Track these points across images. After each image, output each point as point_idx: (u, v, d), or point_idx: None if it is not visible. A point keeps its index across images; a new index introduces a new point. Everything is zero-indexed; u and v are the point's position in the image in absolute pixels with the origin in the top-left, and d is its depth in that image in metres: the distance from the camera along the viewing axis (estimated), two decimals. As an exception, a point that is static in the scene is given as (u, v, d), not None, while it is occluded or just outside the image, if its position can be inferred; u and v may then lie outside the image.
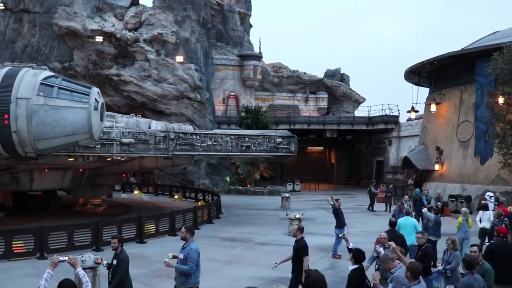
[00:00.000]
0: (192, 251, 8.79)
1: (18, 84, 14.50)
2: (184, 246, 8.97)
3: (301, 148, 46.67)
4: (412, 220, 14.23)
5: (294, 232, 10.59)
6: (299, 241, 10.36)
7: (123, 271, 8.92)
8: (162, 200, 34.54)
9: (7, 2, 39.54)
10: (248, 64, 50.29)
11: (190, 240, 9.00)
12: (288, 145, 24.88)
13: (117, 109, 38.27)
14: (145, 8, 43.50)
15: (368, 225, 23.62)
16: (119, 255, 9.11)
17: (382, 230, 13.26)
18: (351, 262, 8.46)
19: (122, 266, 8.92)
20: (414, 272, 6.94)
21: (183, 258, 8.77)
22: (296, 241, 10.42)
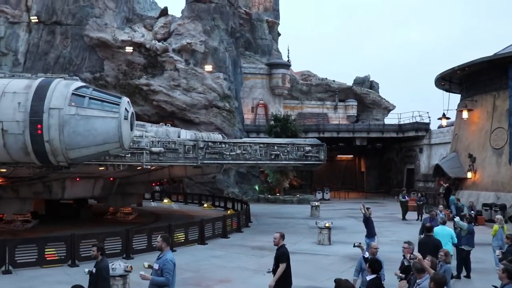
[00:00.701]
0: (167, 261, 8.54)
1: (50, 94, 14.77)
2: (160, 256, 8.73)
3: (331, 156, 46.43)
4: (448, 229, 13.92)
5: (277, 240, 10.11)
6: (280, 249, 10.00)
7: (102, 280, 8.85)
8: (191, 208, 34.65)
9: (40, 15, 40.53)
10: (277, 72, 50.29)
11: (166, 249, 8.79)
12: (317, 154, 24.72)
13: (147, 118, 38.65)
14: (174, 18, 44.04)
15: (399, 234, 23.23)
16: (98, 263, 9.06)
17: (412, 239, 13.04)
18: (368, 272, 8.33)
19: (100, 275, 8.85)
20: (438, 283, 6.82)
21: (158, 268, 8.50)
22: (278, 248, 10.04)
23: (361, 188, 54.47)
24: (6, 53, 40.39)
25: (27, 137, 14.61)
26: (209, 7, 43.22)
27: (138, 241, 17.79)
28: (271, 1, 60.63)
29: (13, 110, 14.69)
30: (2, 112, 14.69)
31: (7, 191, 22.01)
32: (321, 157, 24.89)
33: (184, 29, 42.20)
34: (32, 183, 21.73)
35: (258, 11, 58.64)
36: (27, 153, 14.93)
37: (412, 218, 29.31)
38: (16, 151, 14.99)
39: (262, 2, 60.71)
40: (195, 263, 16.52)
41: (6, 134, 14.68)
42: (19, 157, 15.26)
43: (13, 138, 14.74)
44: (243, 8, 53.98)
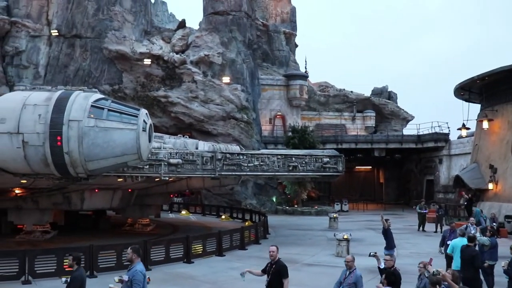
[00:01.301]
0: (137, 272, 8.45)
1: (70, 106, 14.90)
2: (130, 268, 8.65)
3: (349, 168, 46.09)
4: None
5: (276, 254, 9.74)
6: (278, 263, 9.70)
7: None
8: (209, 220, 34.64)
9: (60, 29, 41.19)
10: (294, 83, 50.32)
11: (137, 261, 8.70)
12: (335, 165, 24.56)
13: (165, 130, 38.87)
14: (191, 31, 44.38)
15: (419, 246, 22.96)
16: (73, 273, 9.03)
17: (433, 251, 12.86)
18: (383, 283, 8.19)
19: (72, 285, 8.80)
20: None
21: (128, 280, 8.41)
22: (275, 262, 9.70)
23: (379, 199, 54.02)
24: (27, 66, 41.05)
25: (47, 148, 14.73)
26: (227, 19, 43.47)
27: (156, 253, 17.81)
28: (288, 13, 60.92)
29: (34, 122, 14.84)
30: (23, 124, 14.85)
31: (27, 202, 22.23)
32: (339, 168, 24.72)
33: (201, 41, 42.47)
34: (52, 194, 21.93)
35: (276, 22, 58.93)
36: (47, 164, 15.06)
37: (431, 229, 28.95)
38: (36, 162, 15.13)
39: (280, 13, 61.04)
40: (213, 274, 16.46)
41: (26, 146, 14.84)
42: (39, 168, 15.39)
43: (33, 150, 14.88)
44: (260, 19, 54.26)
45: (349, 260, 9.87)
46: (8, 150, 14.94)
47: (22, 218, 22.71)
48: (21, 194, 21.30)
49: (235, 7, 43.76)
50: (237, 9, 43.87)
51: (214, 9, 43.59)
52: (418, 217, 30.44)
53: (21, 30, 41.31)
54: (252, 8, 46.62)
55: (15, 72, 41.11)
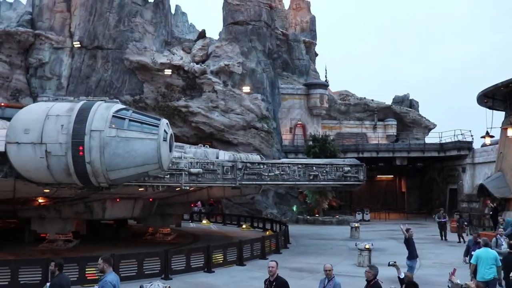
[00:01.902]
0: (106, 283, 8.33)
1: (92, 117, 15.09)
2: (101, 278, 8.57)
3: (370, 177, 45.75)
4: (492, 252, 13.35)
5: (275, 269, 9.56)
6: (278, 279, 9.51)
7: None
8: (230, 229, 34.60)
9: (82, 40, 41.86)
10: (315, 92, 50.20)
11: (108, 271, 8.60)
12: (356, 174, 24.39)
13: (186, 139, 39.06)
14: (211, 41, 44.67)
15: (442, 257, 22.62)
16: (54, 278, 9.10)
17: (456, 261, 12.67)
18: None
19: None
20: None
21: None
22: (274, 279, 9.52)
23: (402, 209, 53.43)
24: (51, 77, 41.74)
25: (69, 158, 14.92)
26: (246, 29, 43.68)
27: (176, 262, 17.84)
28: (308, 22, 60.97)
29: (56, 132, 15.05)
30: (46, 134, 15.07)
31: (50, 211, 22.48)
32: (361, 177, 24.55)
33: (221, 51, 42.71)
34: (74, 203, 22.12)
35: (295, 31, 59.01)
36: (69, 174, 15.23)
37: (454, 239, 28.52)
38: (59, 172, 15.32)
39: (299, 22, 61.11)
40: (234, 284, 16.43)
41: (49, 156, 15.04)
42: (62, 178, 15.57)
43: (56, 160, 15.08)
44: (280, 29, 54.38)
45: (328, 269, 9.85)
46: (32, 160, 15.17)
47: (45, 227, 22.97)
48: (44, 203, 21.54)
49: (255, 17, 43.98)
50: (257, 19, 44.08)
51: (234, 19, 43.86)
52: (438, 226, 30.24)
53: (44, 42, 42.07)
54: (271, 17, 46.77)
55: (39, 83, 41.83)
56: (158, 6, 44.74)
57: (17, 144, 15.20)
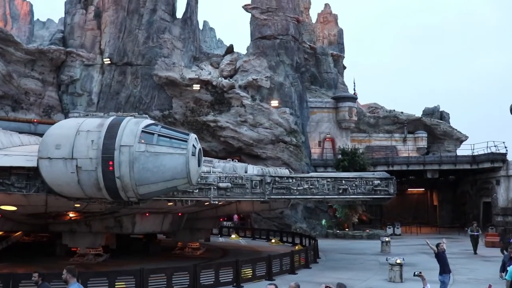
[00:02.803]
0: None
1: (121, 132, 15.26)
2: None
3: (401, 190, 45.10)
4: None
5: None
6: None
7: None
8: (259, 244, 34.46)
9: (112, 57, 42.62)
10: (343, 106, 49.91)
11: (72, 281, 8.63)
12: (386, 187, 24.03)
13: (215, 154, 39.20)
14: (239, 56, 44.94)
15: (477, 272, 22.07)
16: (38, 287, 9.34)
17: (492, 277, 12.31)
18: None
19: None
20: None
21: None
22: None
23: (434, 222, 52.44)
24: (81, 94, 42.53)
25: (99, 173, 15.09)
26: (274, 43, 43.81)
27: (205, 276, 17.79)
28: (335, 35, 60.87)
29: (87, 147, 15.27)
30: (77, 149, 15.30)
31: (80, 226, 22.72)
32: (391, 191, 24.18)
33: (249, 66, 42.89)
34: (104, 218, 22.32)
35: (323, 45, 58.95)
36: (99, 188, 15.40)
37: (490, 254, 27.84)
38: (89, 187, 15.50)
39: (327, 36, 61.07)
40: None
41: (80, 171, 15.25)
42: (92, 192, 15.75)
43: (86, 175, 15.27)
44: (307, 42, 54.40)
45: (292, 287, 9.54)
46: (63, 175, 15.40)
47: (76, 241, 23.21)
48: (75, 217, 21.79)
49: (282, 31, 44.11)
50: (284, 33, 44.19)
51: (261, 33, 44.07)
52: (470, 240, 29.68)
53: (75, 59, 42.93)
54: (299, 31, 46.84)
55: (70, 99, 42.65)
56: (186, 22, 45.27)
57: (49, 160, 15.46)
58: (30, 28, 69.17)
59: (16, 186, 16.75)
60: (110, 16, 43.88)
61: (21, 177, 16.71)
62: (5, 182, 16.75)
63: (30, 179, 16.70)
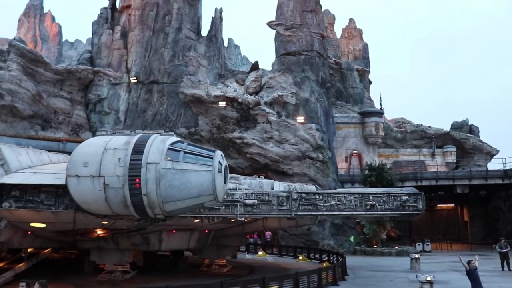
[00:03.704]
0: None
1: (148, 150, 15.36)
2: None
3: (430, 206, 44.42)
4: None
5: None
6: None
7: None
8: (286, 261, 34.17)
9: (139, 76, 43.22)
10: (370, 121, 49.60)
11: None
12: (415, 203, 23.61)
13: (241, 171, 39.18)
14: (265, 72, 45.12)
15: (511, 290, 21.47)
16: None
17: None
18: None
19: None
20: None
21: None
22: None
23: (465, 239, 51.39)
24: (109, 112, 43.11)
25: (126, 190, 15.17)
26: (299, 59, 43.88)
27: (232, 294, 17.67)
28: (360, 50, 60.77)
29: (114, 165, 15.38)
30: (104, 167, 15.43)
31: (108, 243, 22.84)
32: (419, 206, 23.74)
33: (275, 82, 42.99)
34: (131, 235, 22.40)
35: (348, 60, 58.89)
36: (126, 206, 15.47)
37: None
38: (116, 204, 15.59)
39: (352, 51, 60.98)
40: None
41: (107, 188, 15.36)
42: (119, 209, 15.83)
43: (113, 192, 15.37)
44: (332, 58, 54.35)
45: None
46: (91, 192, 15.53)
47: (103, 258, 23.32)
48: (103, 234, 21.91)
49: (307, 47, 44.17)
50: (309, 49, 44.25)
51: (286, 50, 44.21)
52: (500, 257, 29.03)
53: (103, 78, 43.63)
54: (324, 47, 46.83)
55: (98, 118, 43.26)
56: (211, 40, 45.70)
57: (77, 177, 15.62)
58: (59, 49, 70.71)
59: (45, 204, 16.99)
60: (136, 35, 44.56)
61: (50, 194, 16.93)
62: (35, 199, 17.01)
63: (59, 196, 16.91)
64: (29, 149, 20.27)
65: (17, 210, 17.28)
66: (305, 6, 45.52)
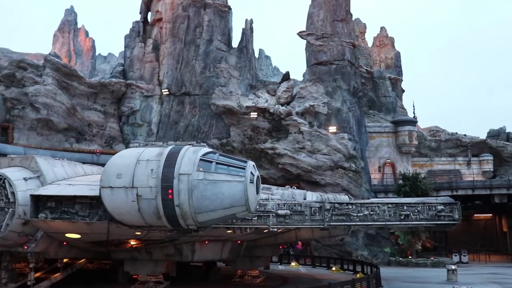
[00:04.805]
0: None
1: (180, 161, 15.47)
2: None
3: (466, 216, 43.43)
4: None
5: None
6: None
7: None
8: (319, 272, 33.86)
9: (171, 88, 43.73)
10: (403, 130, 48.95)
11: None
12: (451, 213, 23.12)
13: (273, 181, 39.09)
14: (296, 82, 45.09)
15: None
16: None
17: None
18: None
19: None
20: None
21: None
22: None
23: (504, 250, 50.00)
24: (141, 124, 43.66)
25: (159, 201, 15.29)
26: (330, 69, 43.71)
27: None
28: (392, 58, 60.19)
29: (147, 176, 15.54)
30: (137, 178, 15.59)
31: (141, 253, 22.98)
32: (455, 216, 23.24)
33: (306, 92, 42.90)
34: (164, 245, 22.50)
35: (380, 68, 58.36)
36: (159, 216, 15.58)
37: None
38: (149, 215, 15.71)
39: (384, 59, 60.47)
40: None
41: (140, 199, 15.50)
42: (152, 220, 15.94)
43: (146, 203, 15.50)
44: (364, 67, 53.94)
45: None
46: (124, 203, 15.70)
47: (137, 269, 23.46)
48: (136, 245, 22.08)
49: (338, 56, 43.97)
50: (340, 58, 44.04)
51: (317, 59, 44.11)
52: None
53: (135, 91, 44.26)
54: (355, 56, 46.57)
55: (130, 130, 43.86)
56: (242, 51, 45.92)
57: (110, 189, 15.81)
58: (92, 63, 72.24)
59: (79, 215, 17.26)
60: (168, 48, 45.08)
61: (85, 206, 17.19)
62: (70, 210, 17.30)
63: (93, 207, 17.16)
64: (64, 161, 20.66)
65: (52, 221, 17.60)
66: (335, 16, 45.37)
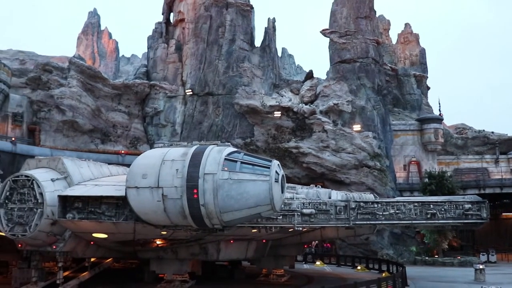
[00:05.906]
0: None
1: (205, 160, 15.53)
2: None
3: (494, 214, 42.81)
4: None
5: None
6: None
7: None
8: (344, 271, 33.71)
9: (194, 88, 43.97)
10: (428, 127, 48.37)
11: None
12: (478, 211, 22.80)
13: (297, 180, 39.02)
14: (319, 81, 44.90)
15: None
16: None
17: None
18: None
19: None
20: None
21: None
22: None
23: (533, 249, 49.17)
24: (165, 125, 44.00)
25: (185, 201, 15.36)
26: (354, 67, 43.44)
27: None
28: (417, 55, 59.54)
29: (172, 176, 15.63)
30: (162, 178, 15.70)
31: (167, 253, 23.16)
32: (483, 215, 22.91)
33: (330, 90, 42.69)
34: (190, 245, 22.63)
35: (405, 66, 57.81)
36: (184, 216, 15.66)
37: None
38: (175, 214, 15.80)
39: (408, 56, 59.84)
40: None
41: (166, 199, 15.61)
42: (177, 220, 16.03)
43: (172, 203, 15.60)
44: (388, 64, 53.49)
45: None
46: (150, 203, 15.82)
47: (163, 268, 23.65)
48: (162, 245, 22.24)
49: (362, 54, 43.68)
50: (364, 56, 43.74)
51: (340, 57, 43.87)
52: None
53: (159, 92, 44.62)
54: (379, 53, 46.18)
55: (155, 131, 44.23)
56: (265, 50, 45.91)
57: (136, 189, 15.95)
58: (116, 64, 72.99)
59: (106, 215, 17.46)
60: (191, 48, 45.32)
61: (111, 206, 17.38)
62: (96, 211, 17.51)
63: (119, 208, 17.33)
64: (90, 162, 20.89)
65: (80, 221, 17.83)
66: (359, 13, 45.07)
